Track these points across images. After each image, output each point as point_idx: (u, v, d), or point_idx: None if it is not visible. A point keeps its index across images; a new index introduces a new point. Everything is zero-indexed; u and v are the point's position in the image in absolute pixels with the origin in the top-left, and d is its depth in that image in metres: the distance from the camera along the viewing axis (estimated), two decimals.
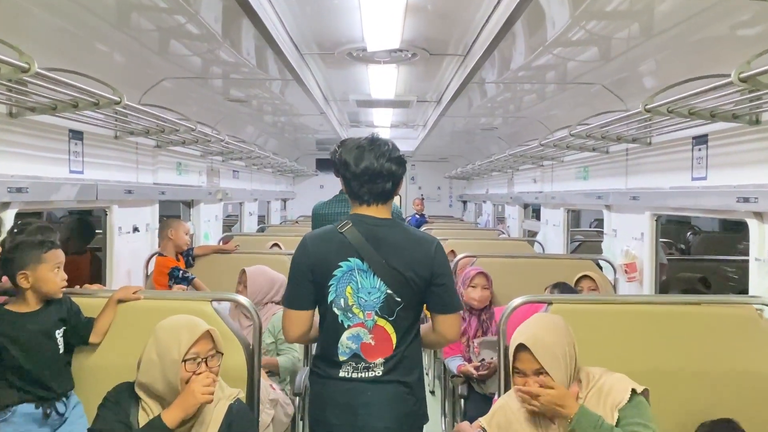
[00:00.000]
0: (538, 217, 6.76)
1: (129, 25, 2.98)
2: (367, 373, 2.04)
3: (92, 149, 3.27)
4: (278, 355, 3.44)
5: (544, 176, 5.81)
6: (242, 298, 2.29)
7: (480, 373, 3.43)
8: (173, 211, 5.42)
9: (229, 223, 7.46)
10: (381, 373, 2.04)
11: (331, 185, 4.13)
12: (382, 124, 7.90)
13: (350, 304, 2.05)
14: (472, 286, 3.59)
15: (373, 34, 3.53)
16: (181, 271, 3.70)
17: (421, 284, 2.06)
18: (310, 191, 11.11)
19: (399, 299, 2.04)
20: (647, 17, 2.59)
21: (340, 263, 2.05)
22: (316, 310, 2.12)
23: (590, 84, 3.78)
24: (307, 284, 2.08)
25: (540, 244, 5.67)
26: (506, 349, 2.13)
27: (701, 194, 2.92)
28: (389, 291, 2.04)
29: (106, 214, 3.53)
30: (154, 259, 3.89)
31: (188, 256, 3.93)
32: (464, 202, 11.72)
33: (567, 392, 1.89)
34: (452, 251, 4.77)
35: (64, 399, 2.12)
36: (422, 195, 11.68)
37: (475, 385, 3.51)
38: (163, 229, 3.83)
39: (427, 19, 3.32)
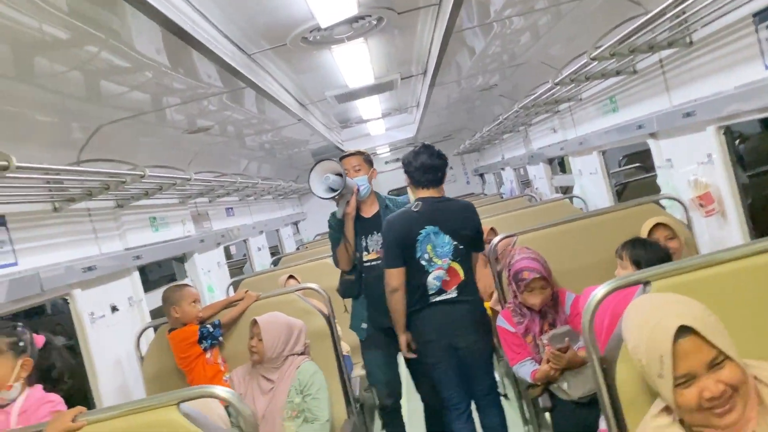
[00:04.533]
0: (564, 170, 6.05)
1: (34, 74, 2.37)
2: (447, 296, 3.07)
3: (24, 232, 2.65)
4: (306, 417, 2.84)
5: (564, 122, 5.08)
6: (220, 390, 1.62)
7: (555, 366, 2.77)
8: (166, 271, 4.83)
9: (238, 265, 6.86)
10: (455, 296, 3.08)
11: None
12: (373, 116, 7.22)
13: (431, 256, 3.06)
14: (529, 291, 2.91)
15: (322, 5, 2.86)
16: (208, 326, 3.08)
17: (471, 234, 3.15)
18: (320, 207, 10.45)
19: (461, 247, 3.09)
20: None
21: (420, 231, 3.05)
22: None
23: None
24: (398, 249, 3.05)
25: (581, 199, 4.94)
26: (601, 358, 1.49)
27: None
28: (455, 242, 3.08)
29: (68, 304, 2.90)
30: (152, 335, 3.28)
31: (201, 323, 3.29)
32: (481, 175, 10.98)
33: None
34: (492, 229, 4.09)
35: None
36: None
37: (557, 390, 2.83)
38: (164, 307, 3.18)
39: None
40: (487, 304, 4.01)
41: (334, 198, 3.22)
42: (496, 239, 3.38)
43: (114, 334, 3.19)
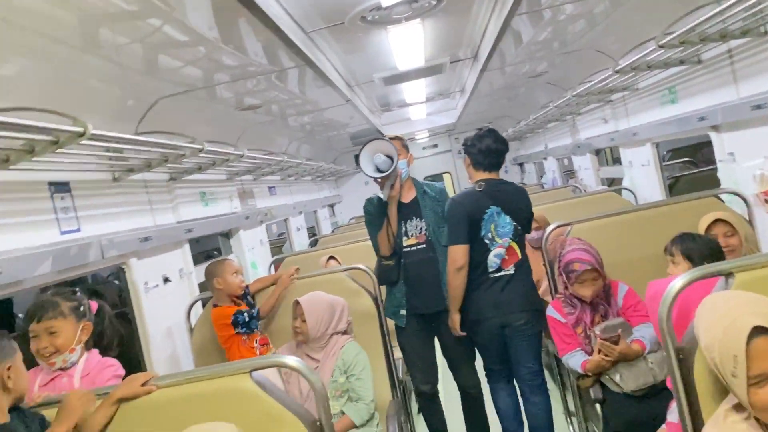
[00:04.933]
0: (618, 161, 5.94)
1: (99, 45, 2.40)
2: (505, 273, 3.19)
3: (87, 200, 2.70)
4: (350, 396, 2.87)
5: (617, 112, 4.97)
6: (291, 360, 1.64)
7: (607, 358, 2.73)
8: (212, 246, 4.89)
9: (277, 244, 6.91)
10: (513, 272, 3.20)
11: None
12: (416, 99, 7.16)
13: (494, 235, 3.18)
14: (580, 283, 2.87)
15: None
16: (245, 314, 3.10)
17: (528, 216, 3.33)
18: (355, 190, 10.46)
19: (519, 228, 3.23)
20: None
21: (486, 210, 3.18)
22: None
23: None
24: (465, 226, 3.15)
25: (630, 191, 4.84)
26: (681, 358, 1.45)
27: None
28: (514, 223, 3.21)
29: (123, 272, 2.95)
30: (201, 309, 3.34)
31: (246, 296, 3.33)
32: (521, 165, 10.85)
33: None
34: (543, 217, 4.03)
35: None
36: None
37: (609, 383, 2.79)
38: (208, 280, 3.23)
39: None
40: None
41: (380, 179, 3.20)
42: (549, 227, 3.34)
43: (166, 305, 3.24)
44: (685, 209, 3.23)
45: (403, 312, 3.37)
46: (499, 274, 3.18)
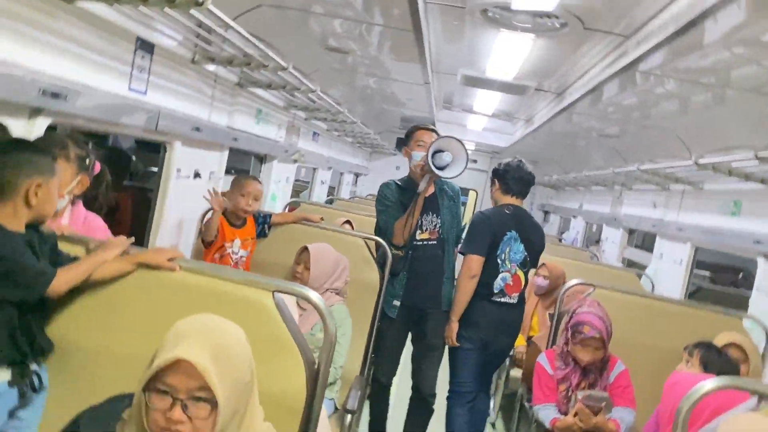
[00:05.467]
0: (644, 247, 5.89)
1: None
2: (507, 300, 3.35)
3: (162, 68, 2.67)
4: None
5: (670, 202, 4.92)
6: (315, 297, 1.62)
7: (580, 423, 2.71)
8: (243, 165, 4.86)
9: (297, 188, 6.88)
10: (516, 302, 3.39)
11: (407, 168, 3.51)
12: (482, 110, 7.09)
13: (506, 257, 3.33)
14: (582, 346, 2.85)
15: None
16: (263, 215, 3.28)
17: (539, 250, 3.52)
18: (384, 170, 10.41)
19: (529, 259, 3.41)
20: None
21: (507, 232, 3.35)
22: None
23: None
24: (486, 240, 3.30)
25: (650, 279, 4.80)
26: None
27: None
28: (525, 253, 3.39)
29: (165, 151, 2.93)
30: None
31: (264, 224, 3.33)
32: (546, 212, 10.80)
33: None
34: (562, 270, 4.01)
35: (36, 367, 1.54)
36: None
37: None
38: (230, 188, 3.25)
39: None
40: (521, 338, 3.98)
41: (431, 173, 3.19)
42: (570, 282, 3.31)
43: (186, 198, 3.21)
44: (705, 318, 3.19)
45: (397, 303, 3.35)
46: (503, 299, 3.35)
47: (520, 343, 4.07)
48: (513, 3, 2.95)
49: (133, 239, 1.74)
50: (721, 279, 5.79)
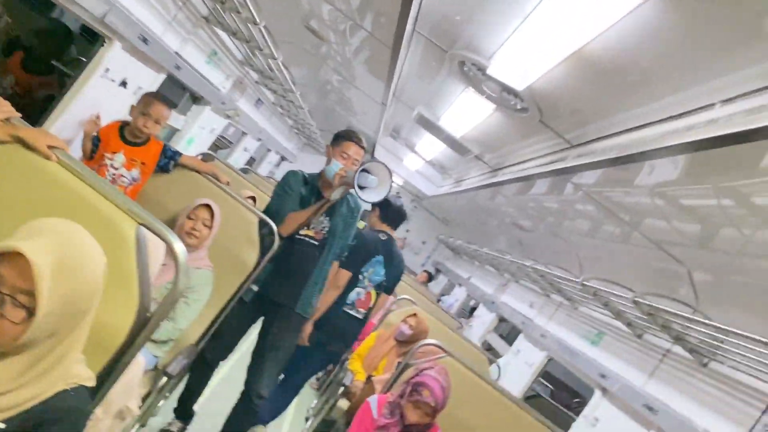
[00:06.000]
0: (507, 339, 6.12)
1: None
2: (358, 315, 3.82)
3: None
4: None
5: (545, 308, 5.16)
6: (179, 248, 1.53)
7: None
8: (175, 98, 4.66)
9: (218, 144, 6.67)
10: (362, 318, 3.86)
11: None
12: (423, 153, 7.22)
13: (366, 276, 3.78)
14: (414, 407, 2.84)
15: (505, 61, 2.87)
16: (171, 150, 3.07)
17: (395, 280, 4.00)
18: (312, 164, 10.29)
19: (386, 284, 3.86)
20: None
21: (376, 255, 3.80)
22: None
23: (679, 263, 3.14)
24: (360, 258, 3.71)
25: (499, 369, 4.97)
26: None
27: None
28: (384, 278, 3.84)
29: (102, 45, 2.75)
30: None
31: (171, 159, 3.15)
32: (437, 270, 11.05)
33: None
34: (427, 326, 4.06)
35: None
36: (405, 238, 11.03)
37: None
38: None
39: (580, 79, 2.62)
40: (362, 373, 4.00)
41: (351, 186, 3.18)
42: (429, 340, 3.35)
43: (102, 102, 3.02)
44: (530, 425, 3.31)
45: (255, 288, 3.26)
46: (353, 312, 3.81)
47: (360, 378, 4.08)
48: (489, 68, 3.03)
49: (20, 115, 1.59)
50: (559, 397, 6.09)
